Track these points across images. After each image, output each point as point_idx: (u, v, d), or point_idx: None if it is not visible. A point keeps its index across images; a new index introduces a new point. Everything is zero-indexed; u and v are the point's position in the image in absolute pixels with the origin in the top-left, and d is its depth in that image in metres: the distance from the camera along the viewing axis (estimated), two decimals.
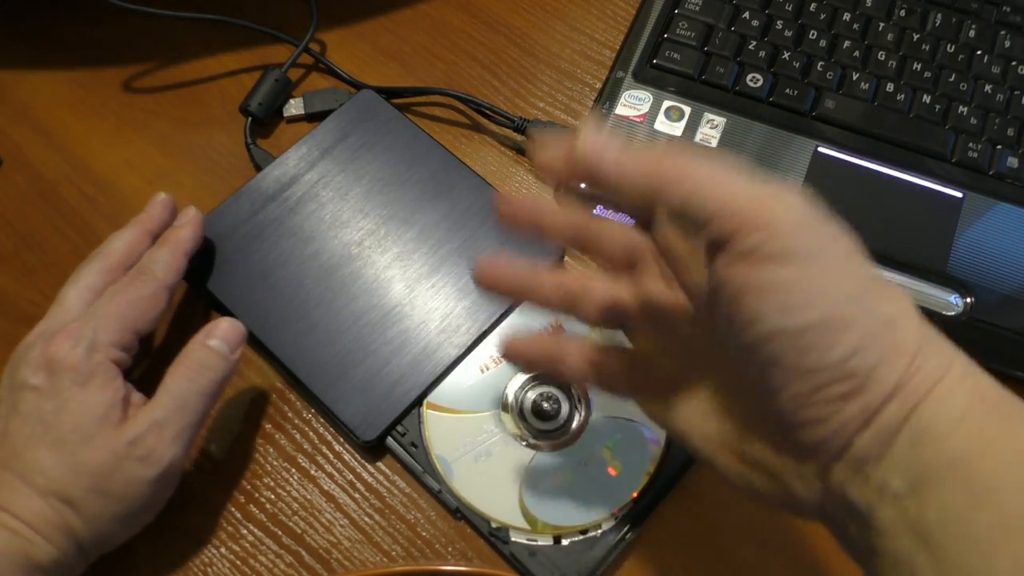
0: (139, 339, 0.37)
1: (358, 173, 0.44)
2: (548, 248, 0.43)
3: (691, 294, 0.28)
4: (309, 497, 0.39)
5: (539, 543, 0.37)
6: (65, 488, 0.33)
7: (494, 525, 0.37)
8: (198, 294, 0.42)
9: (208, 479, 0.39)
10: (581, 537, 0.37)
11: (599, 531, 0.37)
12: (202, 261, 0.41)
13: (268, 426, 0.41)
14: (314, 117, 0.48)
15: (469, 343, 0.40)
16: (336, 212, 0.43)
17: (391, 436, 0.39)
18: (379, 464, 0.40)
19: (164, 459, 0.34)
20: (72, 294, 0.37)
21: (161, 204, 0.41)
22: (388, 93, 0.48)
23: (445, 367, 0.39)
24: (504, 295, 0.33)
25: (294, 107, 0.48)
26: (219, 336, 0.37)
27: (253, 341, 0.40)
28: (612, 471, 0.38)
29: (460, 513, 0.38)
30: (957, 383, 0.24)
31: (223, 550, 0.38)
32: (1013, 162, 0.44)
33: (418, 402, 0.39)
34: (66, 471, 0.33)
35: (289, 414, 0.41)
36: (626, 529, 0.37)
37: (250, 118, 0.47)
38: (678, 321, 0.29)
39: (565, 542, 0.37)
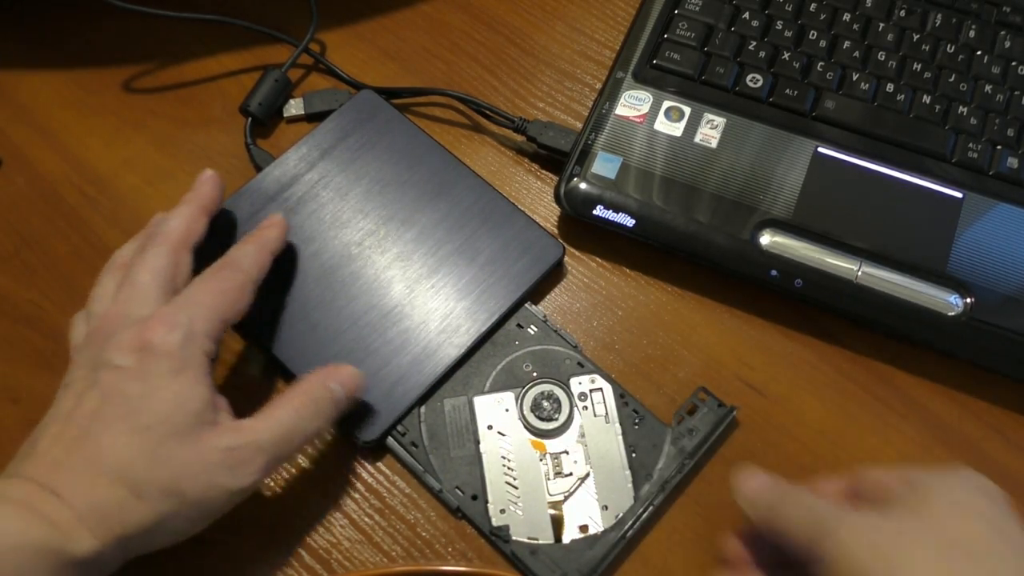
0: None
1: (358, 173, 0.44)
2: (549, 251, 0.42)
3: None
4: (309, 497, 0.39)
5: (540, 542, 0.37)
6: (138, 479, 0.31)
7: (495, 524, 0.37)
8: None
9: None
10: (582, 536, 0.37)
11: (600, 530, 0.37)
12: (204, 261, 0.41)
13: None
14: (314, 117, 0.48)
15: (469, 343, 0.40)
16: (336, 212, 0.43)
17: (391, 436, 0.39)
18: (379, 464, 0.40)
19: (250, 479, 0.33)
20: (146, 277, 0.35)
21: (210, 181, 0.40)
22: (388, 93, 0.48)
23: (445, 367, 0.40)
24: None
25: (294, 107, 0.48)
26: (340, 382, 0.36)
27: (253, 341, 0.40)
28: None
29: (461, 512, 0.38)
30: None
31: (223, 550, 0.38)
32: (1013, 162, 0.44)
33: (419, 402, 0.39)
34: (146, 462, 0.31)
35: None
36: (627, 528, 0.37)
37: (250, 118, 0.47)
38: None
39: (566, 540, 0.37)
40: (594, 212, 0.43)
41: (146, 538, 0.32)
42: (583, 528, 0.37)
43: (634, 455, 0.39)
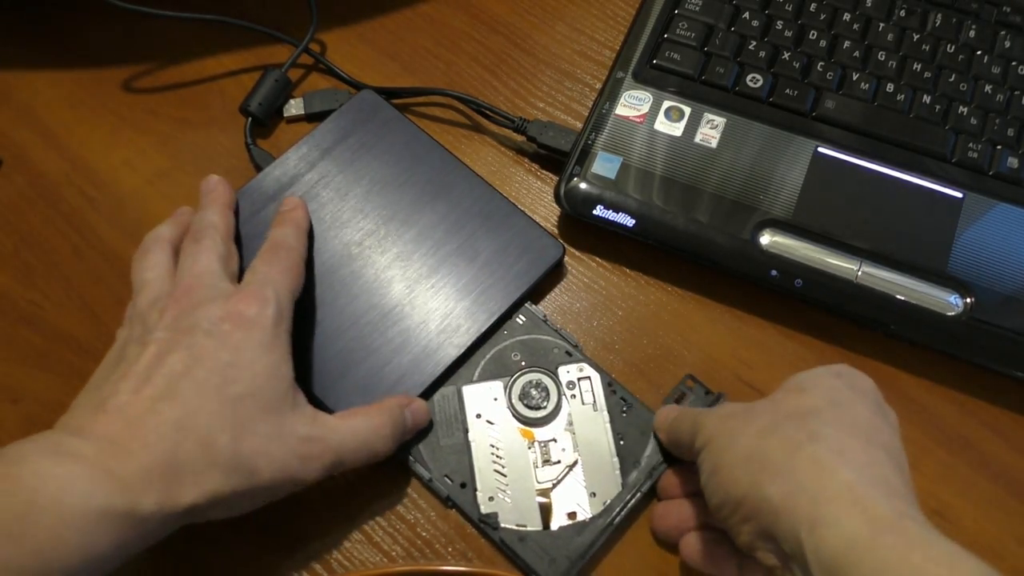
0: None
1: (358, 173, 0.44)
2: (549, 251, 0.42)
3: None
4: (309, 496, 0.39)
5: (528, 529, 0.37)
6: (220, 447, 0.31)
7: (484, 511, 0.37)
8: None
9: None
10: (570, 523, 0.37)
11: (588, 516, 0.37)
12: None
13: None
14: (314, 117, 0.48)
15: (469, 343, 0.40)
16: (336, 212, 0.43)
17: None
18: (379, 464, 0.40)
19: (313, 475, 0.33)
20: (211, 257, 0.36)
21: (221, 183, 0.41)
22: (388, 93, 0.48)
23: (445, 367, 0.40)
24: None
25: (294, 107, 0.48)
26: (413, 412, 0.37)
27: None
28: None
29: (450, 500, 0.38)
30: (842, 511, 0.27)
31: (223, 550, 0.38)
32: (1013, 162, 0.44)
33: (423, 398, 0.39)
34: (231, 432, 0.31)
35: None
36: (615, 514, 0.37)
37: (250, 118, 0.47)
38: None
39: (554, 527, 0.37)
40: (594, 212, 0.43)
41: (208, 510, 0.31)
42: (571, 515, 0.37)
43: (622, 443, 0.39)
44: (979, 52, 0.47)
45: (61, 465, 0.29)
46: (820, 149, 0.45)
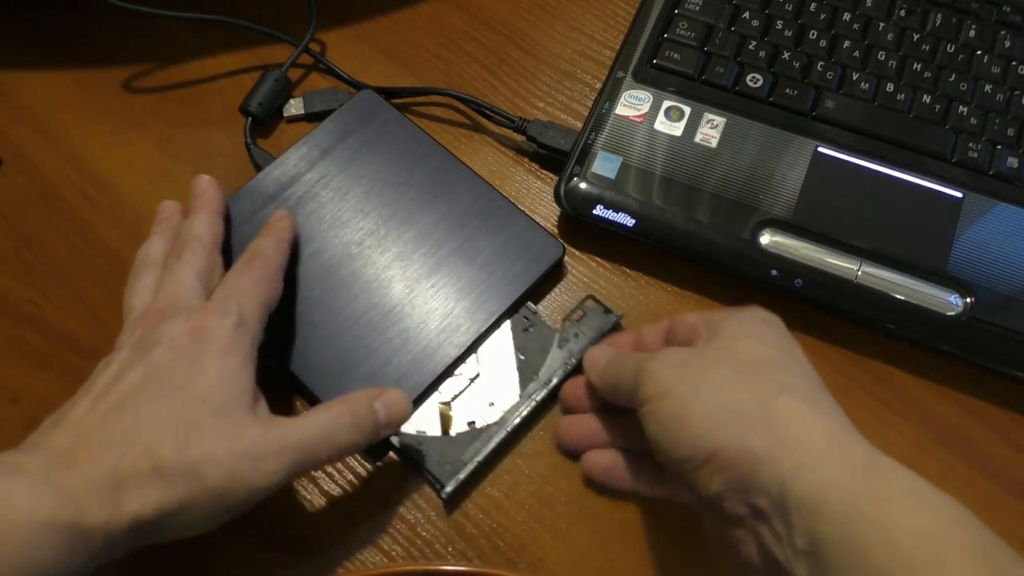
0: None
1: (358, 173, 0.44)
2: (549, 251, 0.42)
3: None
4: (309, 497, 0.39)
5: (428, 434, 0.39)
6: (165, 456, 0.30)
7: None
8: None
9: None
10: (468, 430, 0.39)
11: (485, 424, 0.39)
12: None
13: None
14: (314, 117, 0.48)
15: (469, 343, 0.40)
16: (336, 212, 0.43)
17: (391, 435, 0.39)
18: (379, 464, 0.40)
19: (271, 479, 0.32)
20: (189, 273, 0.36)
21: (211, 185, 0.41)
22: (388, 93, 0.48)
23: (445, 367, 0.40)
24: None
25: (294, 107, 0.48)
26: (386, 404, 0.35)
27: None
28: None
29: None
30: (821, 454, 0.29)
31: (224, 550, 0.38)
32: (1013, 162, 0.44)
33: (418, 402, 0.39)
34: (176, 439, 0.30)
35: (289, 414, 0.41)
36: (510, 422, 0.39)
37: (250, 118, 0.47)
38: None
39: (453, 434, 0.39)
40: (594, 212, 0.43)
41: (159, 524, 0.30)
42: (471, 424, 0.39)
43: (522, 357, 0.41)
44: (979, 52, 0.47)
45: (6, 480, 0.29)
46: (820, 149, 0.45)
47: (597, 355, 0.38)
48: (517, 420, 0.39)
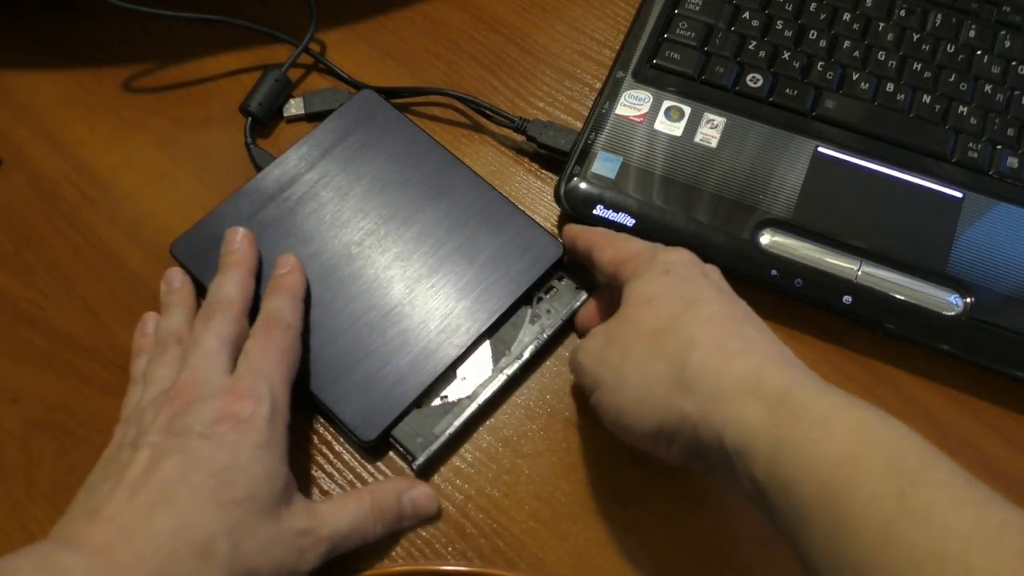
0: None
1: (358, 173, 0.44)
2: (549, 251, 0.42)
3: None
4: (309, 497, 0.39)
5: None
6: (218, 553, 0.30)
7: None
8: (199, 291, 0.42)
9: None
10: (440, 403, 0.40)
11: (458, 398, 0.39)
12: (205, 260, 0.41)
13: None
14: (314, 117, 0.48)
15: (469, 343, 0.40)
16: (336, 212, 0.43)
17: (391, 435, 0.39)
18: (379, 464, 0.40)
19: (310, 566, 0.33)
20: (215, 344, 0.35)
21: (246, 240, 0.40)
22: (388, 93, 0.48)
23: (445, 367, 0.40)
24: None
25: (294, 107, 0.48)
26: (413, 500, 0.37)
27: None
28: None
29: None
30: (740, 401, 0.29)
31: None
32: (1013, 162, 0.44)
33: (417, 403, 0.39)
34: (230, 538, 0.30)
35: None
36: (480, 395, 0.40)
37: (250, 118, 0.47)
38: None
39: (424, 407, 0.40)
40: (594, 212, 0.43)
41: None
42: (443, 397, 0.40)
43: (496, 334, 0.41)
44: (979, 52, 0.47)
45: None
46: (820, 149, 0.45)
47: (576, 229, 0.41)
48: (488, 393, 0.40)
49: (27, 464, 0.40)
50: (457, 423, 0.39)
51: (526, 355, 0.41)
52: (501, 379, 0.40)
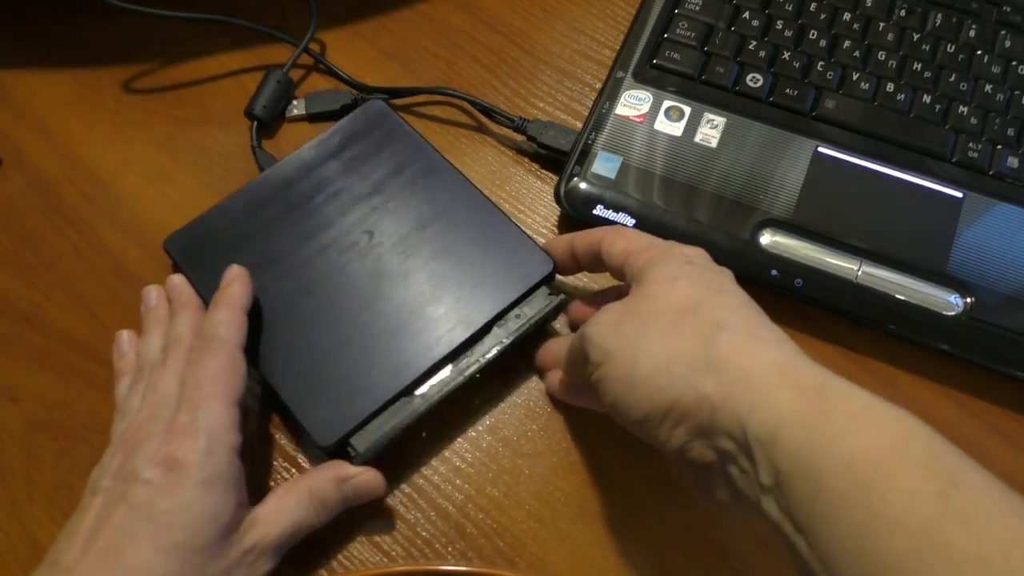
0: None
1: (358, 180, 0.43)
2: (539, 266, 0.41)
3: None
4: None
5: None
6: None
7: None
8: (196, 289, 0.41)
9: None
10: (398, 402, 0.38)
11: (414, 395, 0.38)
12: (197, 257, 0.41)
13: (267, 426, 0.41)
14: (316, 118, 0.49)
15: (444, 355, 0.39)
16: (330, 216, 0.42)
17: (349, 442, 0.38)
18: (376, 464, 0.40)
19: (264, 570, 0.34)
20: (171, 381, 0.36)
21: (240, 275, 0.39)
22: (389, 93, 0.47)
23: (414, 378, 0.38)
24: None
25: (296, 108, 0.48)
26: (355, 486, 0.36)
27: None
28: None
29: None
30: (773, 387, 0.28)
31: None
32: (1013, 162, 0.44)
33: (382, 409, 0.38)
34: None
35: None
36: (434, 395, 0.38)
37: (255, 122, 0.47)
38: None
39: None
40: (594, 212, 0.43)
41: None
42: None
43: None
44: (979, 52, 0.47)
45: None
46: (820, 149, 0.45)
47: (551, 350, 0.40)
48: (442, 394, 0.38)
49: (27, 464, 0.40)
50: (404, 422, 0.37)
51: (488, 357, 0.39)
52: (459, 380, 0.38)
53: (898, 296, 0.41)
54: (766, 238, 0.43)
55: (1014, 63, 0.47)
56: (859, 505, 0.25)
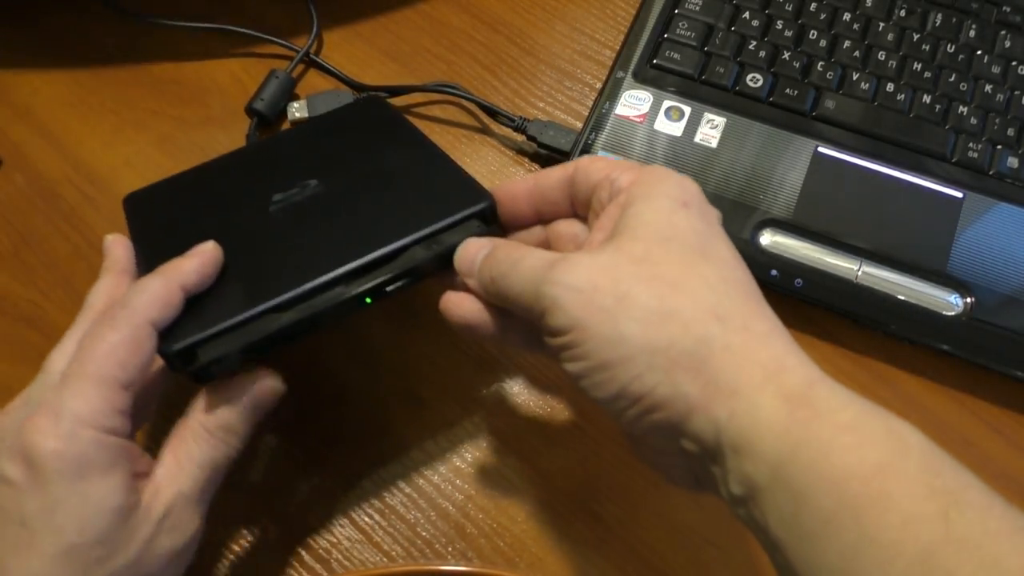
0: (141, 392, 0.31)
1: (328, 150, 0.41)
2: (473, 197, 0.36)
3: None
4: (309, 496, 0.39)
5: None
6: None
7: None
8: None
9: None
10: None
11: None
12: (148, 218, 0.39)
13: (267, 426, 0.41)
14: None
15: (336, 274, 0.33)
16: (284, 179, 0.39)
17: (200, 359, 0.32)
18: (379, 464, 0.40)
19: (192, 527, 0.30)
20: (56, 358, 0.32)
21: (117, 243, 0.36)
22: (390, 91, 0.47)
23: (294, 295, 0.33)
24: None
25: (297, 110, 0.48)
26: (251, 396, 0.32)
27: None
28: None
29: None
30: (757, 392, 0.26)
31: (223, 550, 0.38)
32: (1013, 162, 0.44)
33: (247, 323, 0.32)
34: None
35: (288, 414, 0.41)
36: (307, 312, 0.33)
37: (256, 118, 0.47)
38: None
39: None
40: None
41: None
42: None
43: None
44: (979, 52, 0.47)
45: None
46: (820, 149, 0.45)
47: (472, 250, 0.32)
48: (312, 310, 0.32)
49: None
50: (261, 333, 0.32)
51: (381, 279, 0.33)
52: (340, 297, 0.33)
53: (898, 296, 0.41)
54: (766, 238, 0.43)
55: (1014, 63, 0.47)
56: (850, 528, 0.23)
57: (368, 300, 0.34)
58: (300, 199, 0.38)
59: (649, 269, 0.28)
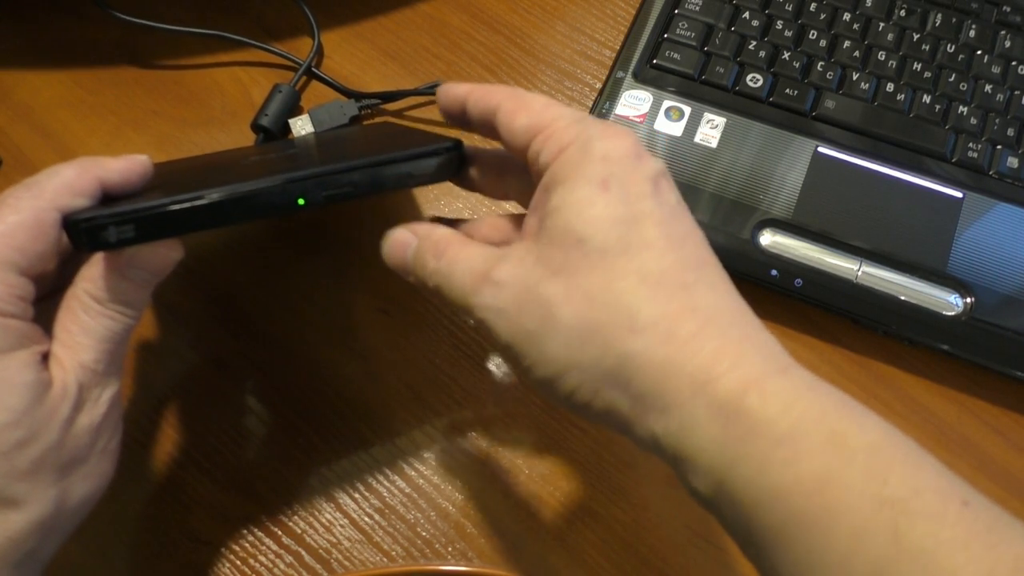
0: (39, 277, 0.29)
1: (324, 140, 0.41)
2: (435, 140, 0.33)
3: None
4: (308, 496, 0.39)
5: None
6: (9, 494, 0.27)
7: None
8: None
9: (207, 480, 0.39)
10: None
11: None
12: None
13: (267, 426, 0.41)
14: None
15: (280, 183, 0.30)
16: (270, 151, 0.39)
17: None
18: (380, 464, 0.40)
19: (106, 398, 0.29)
20: None
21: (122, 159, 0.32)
22: (384, 97, 0.47)
23: (254, 191, 0.30)
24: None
25: (301, 125, 0.48)
26: (140, 263, 0.29)
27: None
28: None
29: None
30: (687, 406, 0.25)
31: (223, 550, 0.38)
32: (1013, 162, 0.44)
33: (155, 208, 0.29)
34: (6, 477, 0.27)
35: (288, 414, 0.41)
36: (218, 195, 0.29)
37: (262, 134, 0.47)
38: None
39: None
40: None
41: (67, 514, 0.28)
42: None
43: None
44: (979, 52, 0.47)
45: None
46: (820, 149, 0.45)
47: (399, 250, 0.31)
48: (234, 193, 0.29)
49: None
50: (172, 205, 0.28)
51: (318, 172, 0.30)
52: (266, 185, 0.30)
53: (898, 296, 0.41)
54: (766, 238, 0.43)
55: (1014, 63, 0.47)
56: (798, 540, 0.23)
57: (301, 201, 0.30)
58: (274, 156, 0.37)
59: (567, 281, 0.27)
